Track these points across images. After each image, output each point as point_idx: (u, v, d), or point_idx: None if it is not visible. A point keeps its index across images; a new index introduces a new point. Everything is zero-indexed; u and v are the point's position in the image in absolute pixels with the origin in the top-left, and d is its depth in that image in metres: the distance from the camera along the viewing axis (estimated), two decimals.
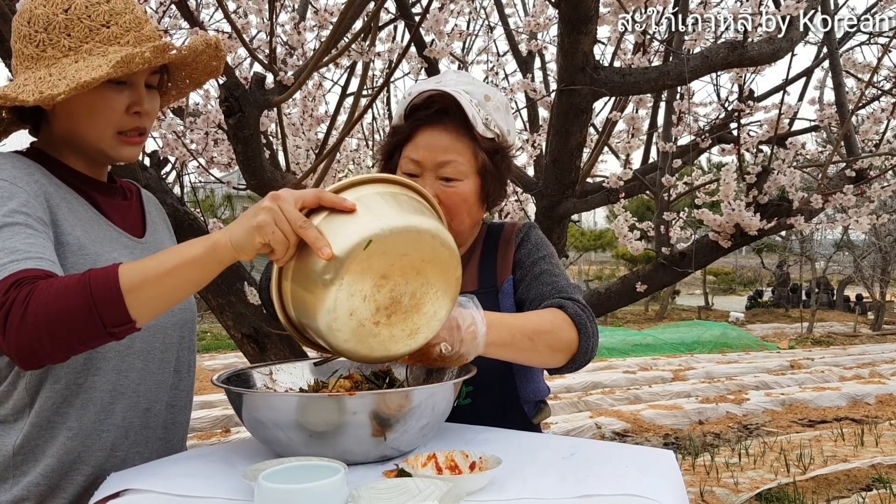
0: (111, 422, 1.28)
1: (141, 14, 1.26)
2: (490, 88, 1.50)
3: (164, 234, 1.50)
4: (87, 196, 1.32)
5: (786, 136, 3.88)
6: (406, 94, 1.52)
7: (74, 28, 1.20)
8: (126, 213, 1.40)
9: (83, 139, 1.27)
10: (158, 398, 1.36)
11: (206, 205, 17.55)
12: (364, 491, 0.97)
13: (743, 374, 9.62)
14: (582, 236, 22.68)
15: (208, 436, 6.32)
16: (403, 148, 1.47)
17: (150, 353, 1.32)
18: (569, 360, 1.38)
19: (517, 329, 1.31)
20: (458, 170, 1.43)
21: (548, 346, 1.34)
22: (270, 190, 1.18)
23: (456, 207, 1.45)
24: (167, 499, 1.05)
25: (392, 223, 1.06)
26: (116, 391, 1.28)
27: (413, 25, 3.14)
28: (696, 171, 4.60)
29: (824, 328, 17.30)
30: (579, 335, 1.37)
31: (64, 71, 1.19)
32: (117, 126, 1.26)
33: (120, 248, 1.31)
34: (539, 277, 1.49)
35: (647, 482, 1.07)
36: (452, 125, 1.43)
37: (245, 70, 3.39)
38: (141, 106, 1.27)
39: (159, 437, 1.37)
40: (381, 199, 1.11)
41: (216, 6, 3.36)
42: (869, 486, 4.90)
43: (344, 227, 1.05)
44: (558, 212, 3.31)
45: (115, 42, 1.22)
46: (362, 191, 1.12)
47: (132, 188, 1.49)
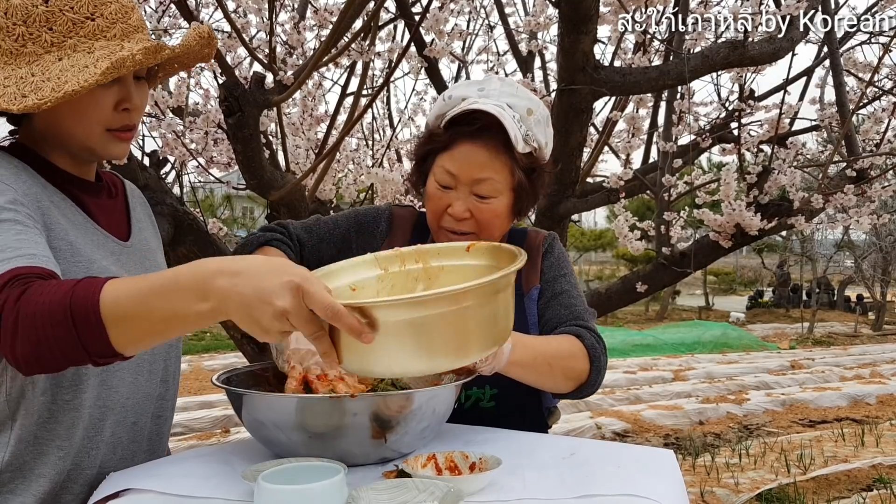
0: (100, 439, 1.23)
1: (126, 1, 1.18)
2: (533, 100, 1.46)
3: (149, 232, 1.44)
4: (75, 197, 1.24)
5: (786, 135, 3.88)
6: (446, 96, 1.47)
7: (57, 21, 1.11)
8: (112, 213, 1.33)
9: (69, 137, 1.19)
10: (145, 410, 1.31)
11: (206, 205, 17.56)
12: (364, 492, 0.97)
13: (743, 375, 9.61)
14: (582, 236, 22.69)
15: (208, 436, 6.31)
16: (439, 156, 1.45)
17: (139, 366, 1.28)
18: (575, 389, 1.41)
19: (539, 352, 1.33)
20: (494, 188, 1.42)
21: (563, 373, 1.37)
22: (270, 190, 1.15)
23: (488, 223, 1.45)
24: (167, 499, 1.04)
25: (405, 370, 0.98)
26: (106, 407, 1.23)
27: (413, 25, 3.14)
28: (696, 170, 4.59)
29: (825, 328, 17.29)
30: (591, 368, 1.39)
31: (47, 70, 1.10)
32: (106, 124, 1.18)
33: (107, 255, 1.24)
34: (558, 298, 1.49)
35: (648, 482, 1.06)
36: (492, 142, 1.40)
37: (245, 70, 3.39)
38: (130, 102, 1.19)
39: (144, 449, 1.33)
40: (404, 336, 0.93)
41: (216, 6, 3.36)
42: (870, 487, 4.90)
43: (359, 355, 0.94)
44: (558, 212, 3.31)
45: (101, 36, 1.13)
46: (387, 315, 0.92)
47: (117, 183, 1.40)
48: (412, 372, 1.00)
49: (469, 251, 1.25)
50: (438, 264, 1.26)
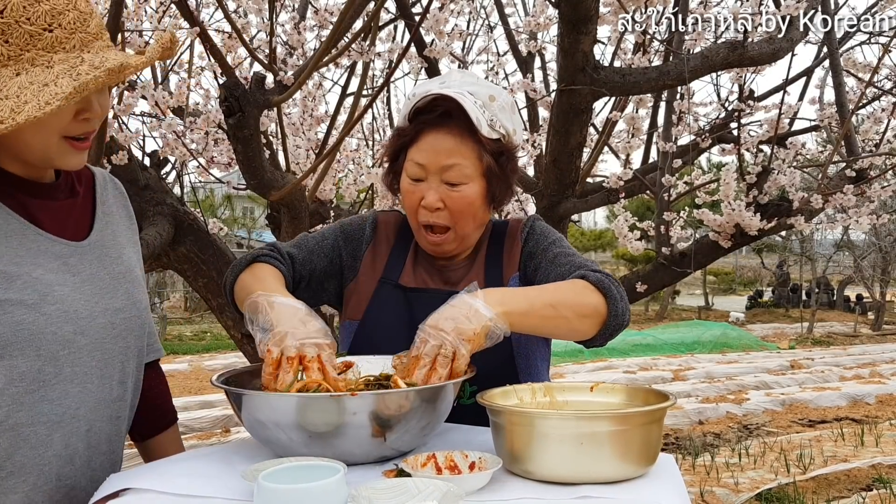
0: (51, 454, 1.18)
1: (84, 7, 1.11)
2: (495, 88, 1.48)
3: (120, 226, 1.37)
4: (15, 202, 1.18)
5: (786, 135, 3.88)
6: (410, 94, 1.51)
7: (13, 34, 1.06)
8: (67, 214, 1.27)
9: (25, 146, 1.14)
10: (100, 415, 1.26)
11: (207, 205, 17.57)
12: (364, 491, 0.97)
13: (743, 374, 9.62)
14: (582, 236, 22.71)
15: (208, 436, 6.32)
16: (408, 150, 1.47)
17: (86, 375, 1.21)
18: (601, 327, 1.34)
19: (534, 297, 1.29)
20: (463, 173, 1.43)
21: (573, 312, 1.30)
22: (271, 190, 1.15)
23: (461, 212, 1.45)
24: (167, 498, 1.04)
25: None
26: (51, 422, 1.17)
27: (413, 25, 3.14)
28: (696, 170, 4.60)
29: (824, 328, 17.30)
30: (605, 298, 1.33)
31: (5, 87, 1.06)
32: (64, 132, 1.14)
33: (50, 259, 1.19)
34: (554, 261, 1.47)
35: (648, 483, 1.07)
36: (457, 128, 1.42)
37: (245, 70, 3.39)
38: (90, 111, 1.14)
39: (103, 451, 1.28)
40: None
41: (216, 6, 3.36)
42: (869, 486, 4.90)
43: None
44: (558, 212, 3.32)
45: (59, 48, 1.08)
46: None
47: (85, 177, 1.34)
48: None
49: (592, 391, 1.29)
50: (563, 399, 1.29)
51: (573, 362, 10.81)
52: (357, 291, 1.56)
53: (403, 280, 1.54)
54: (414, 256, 1.58)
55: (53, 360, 1.16)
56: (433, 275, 1.55)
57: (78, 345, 1.19)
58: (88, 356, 1.21)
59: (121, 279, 1.30)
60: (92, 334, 1.21)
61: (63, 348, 1.17)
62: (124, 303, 1.29)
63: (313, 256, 1.56)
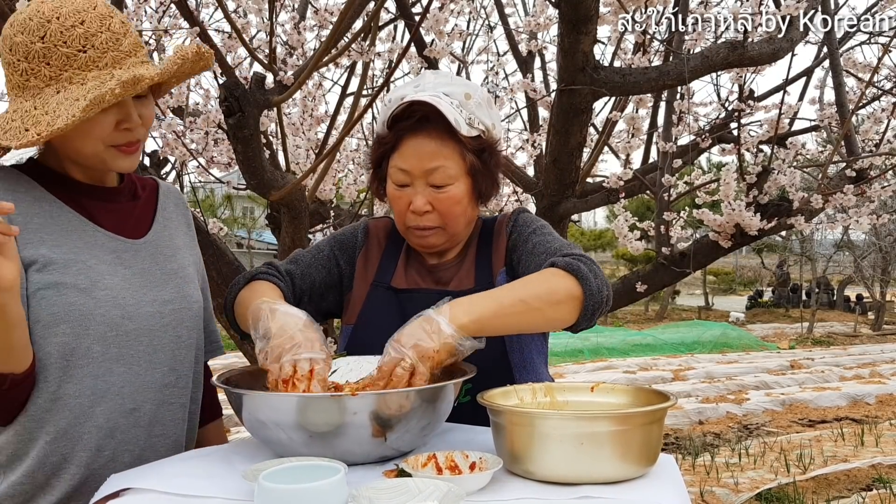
0: (92, 424, 1.29)
1: (118, 28, 1.24)
2: (470, 85, 1.49)
3: (178, 231, 1.50)
4: (78, 204, 1.33)
5: (786, 135, 3.88)
6: (386, 100, 1.51)
7: (52, 56, 1.20)
8: (127, 215, 1.40)
9: (79, 153, 1.29)
10: (147, 398, 1.36)
11: (207, 205, 17.57)
12: (364, 491, 0.97)
13: (743, 374, 9.62)
14: (582, 236, 22.72)
15: None
16: (390, 157, 1.47)
17: (132, 357, 1.33)
18: (580, 310, 1.31)
19: (503, 296, 1.28)
20: (447, 174, 1.43)
21: (545, 301, 1.28)
22: (271, 190, 1.17)
23: (449, 212, 1.46)
24: (167, 498, 1.05)
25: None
26: (95, 395, 1.29)
27: (413, 25, 3.14)
28: (696, 170, 4.59)
29: (824, 328, 17.30)
30: (577, 279, 1.30)
31: (47, 103, 1.20)
32: (109, 141, 1.27)
33: (105, 253, 1.33)
34: (532, 251, 1.47)
35: (648, 483, 1.07)
36: (436, 131, 1.42)
37: (245, 70, 3.39)
38: (130, 122, 1.26)
39: (156, 434, 1.38)
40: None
41: (216, 6, 3.36)
42: (869, 486, 4.91)
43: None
44: (558, 212, 3.31)
45: (93, 66, 1.21)
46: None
47: (149, 185, 1.50)
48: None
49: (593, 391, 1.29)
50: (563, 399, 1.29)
51: (573, 362, 10.82)
52: (352, 297, 1.59)
53: (395, 282, 1.56)
54: (405, 259, 1.59)
55: (101, 340, 1.28)
56: (424, 275, 1.56)
57: (125, 329, 1.31)
58: (136, 341, 1.33)
59: (172, 275, 1.42)
60: (139, 321, 1.33)
61: (111, 330, 1.29)
62: (173, 295, 1.40)
63: (311, 270, 1.58)
